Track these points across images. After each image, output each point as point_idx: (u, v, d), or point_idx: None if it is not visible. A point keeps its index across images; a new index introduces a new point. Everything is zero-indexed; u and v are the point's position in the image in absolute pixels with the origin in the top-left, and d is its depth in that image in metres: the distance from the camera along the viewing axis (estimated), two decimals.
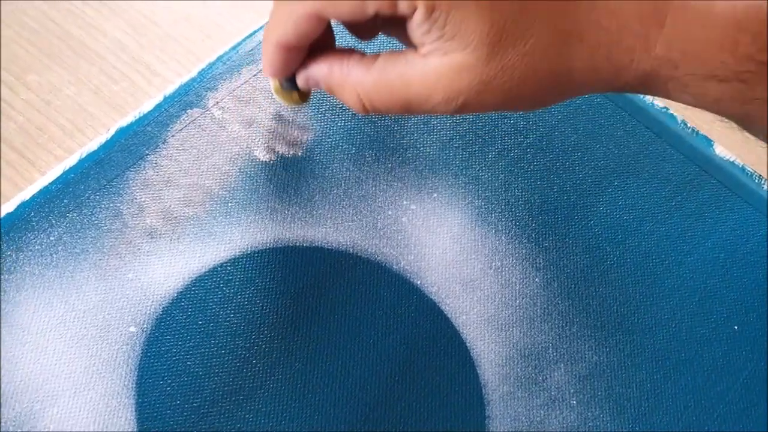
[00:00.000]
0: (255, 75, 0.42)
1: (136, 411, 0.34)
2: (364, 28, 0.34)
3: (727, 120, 0.31)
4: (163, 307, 0.36)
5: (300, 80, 0.33)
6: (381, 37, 0.37)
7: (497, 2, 0.27)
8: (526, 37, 0.28)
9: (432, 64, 0.29)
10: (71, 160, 0.39)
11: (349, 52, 0.32)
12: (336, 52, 0.32)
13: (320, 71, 0.32)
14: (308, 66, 0.33)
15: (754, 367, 0.38)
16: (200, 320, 0.36)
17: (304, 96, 0.35)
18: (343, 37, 0.36)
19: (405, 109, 0.30)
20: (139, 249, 0.37)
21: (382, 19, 0.29)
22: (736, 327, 0.39)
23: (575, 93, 0.31)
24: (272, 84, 0.35)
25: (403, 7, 0.28)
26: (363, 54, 0.32)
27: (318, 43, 0.32)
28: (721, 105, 0.30)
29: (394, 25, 0.31)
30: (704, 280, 0.40)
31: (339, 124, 0.42)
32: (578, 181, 0.42)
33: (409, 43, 0.30)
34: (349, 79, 0.31)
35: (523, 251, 0.40)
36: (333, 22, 0.32)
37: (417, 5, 0.27)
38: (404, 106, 0.30)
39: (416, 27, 0.28)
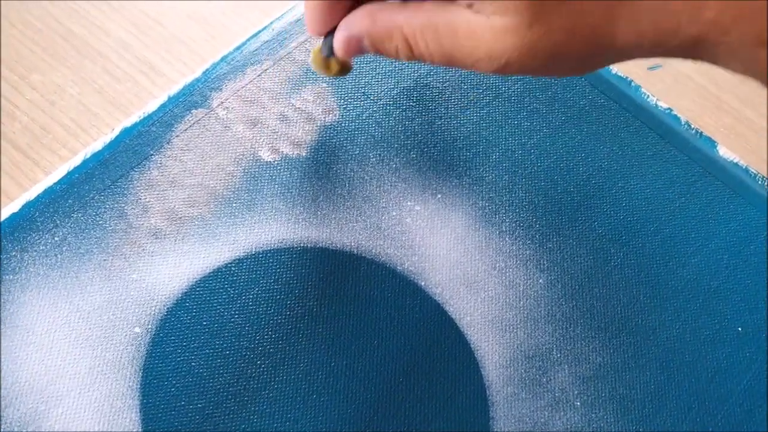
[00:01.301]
0: (259, 75, 0.42)
1: (140, 412, 0.34)
2: None
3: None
4: (168, 308, 0.36)
5: (341, 43, 0.32)
6: None
7: None
8: (570, 1, 0.27)
9: (478, 21, 0.28)
10: (76, 161, 0.39)
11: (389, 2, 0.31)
12: (376, 3, 0.31)
13: (363, 24, 0.31)
14: (349, 23, 0.32)
15: (758, 368, 0.38)
16: (205, 321, 0.36)
17: (342, 64, 0.35)
18: None
19: (448, 60, 0.30)
20: (143, 249, 0.37)
21: None
22: (739, 328, 0.39)
23: (618, 58, 0.30)
24: (311, 57, 0.35)
25: None
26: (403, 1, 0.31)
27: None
28: None
29: None
30: (708, 282, 0.40)
31: (343, 125, 0.42)
32: (582, 183, 0.42)
33: None
34: (396, 21, 0.30)
35: (527, 252, 0.40)
36: None
37: None
38: (447, 56, 0.30)
39: None
